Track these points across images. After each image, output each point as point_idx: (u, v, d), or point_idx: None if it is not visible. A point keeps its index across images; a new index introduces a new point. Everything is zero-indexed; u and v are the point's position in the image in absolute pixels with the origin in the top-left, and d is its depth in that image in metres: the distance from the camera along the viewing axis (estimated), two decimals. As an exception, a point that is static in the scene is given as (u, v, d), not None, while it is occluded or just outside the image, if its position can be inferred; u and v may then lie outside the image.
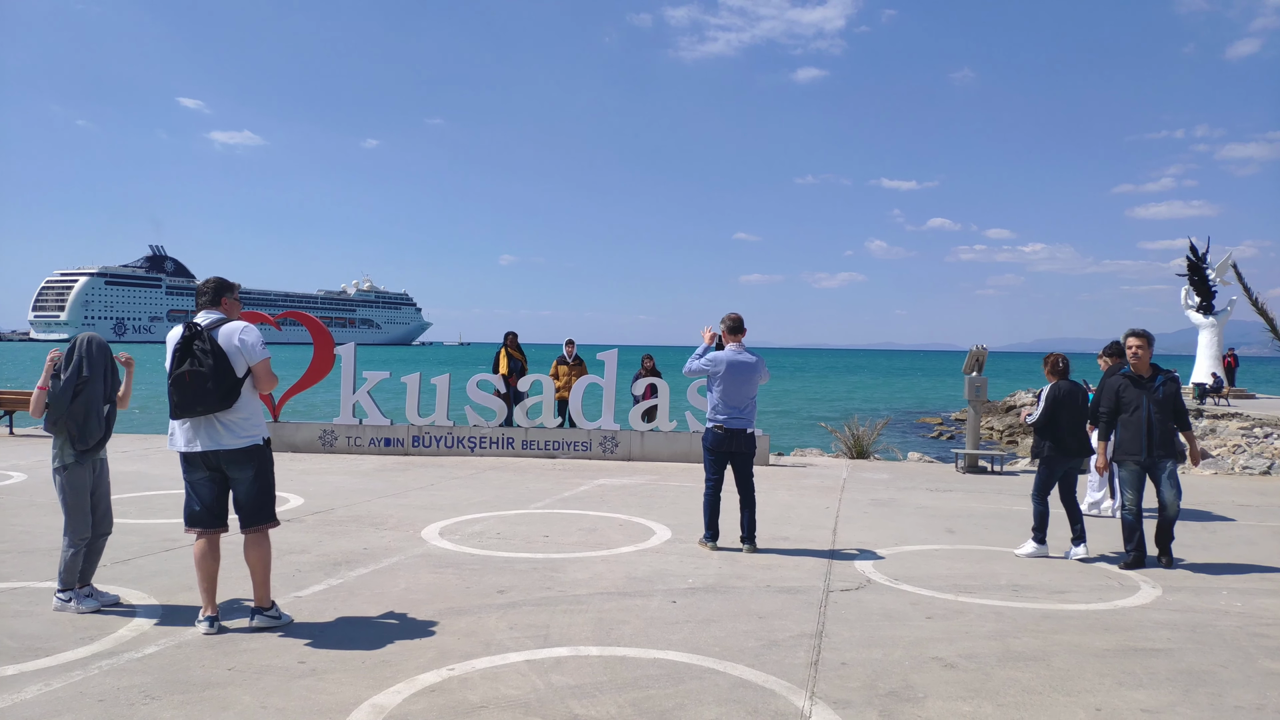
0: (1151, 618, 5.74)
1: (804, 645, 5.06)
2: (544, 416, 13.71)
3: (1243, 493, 11.65)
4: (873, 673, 4.64)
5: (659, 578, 6.50)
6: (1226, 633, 5.44)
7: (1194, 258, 41.24)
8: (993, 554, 7.54)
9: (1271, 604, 6.13)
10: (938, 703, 4.25)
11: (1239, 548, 8.03)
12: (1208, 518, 9.61)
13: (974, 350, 13.59)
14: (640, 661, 4.72)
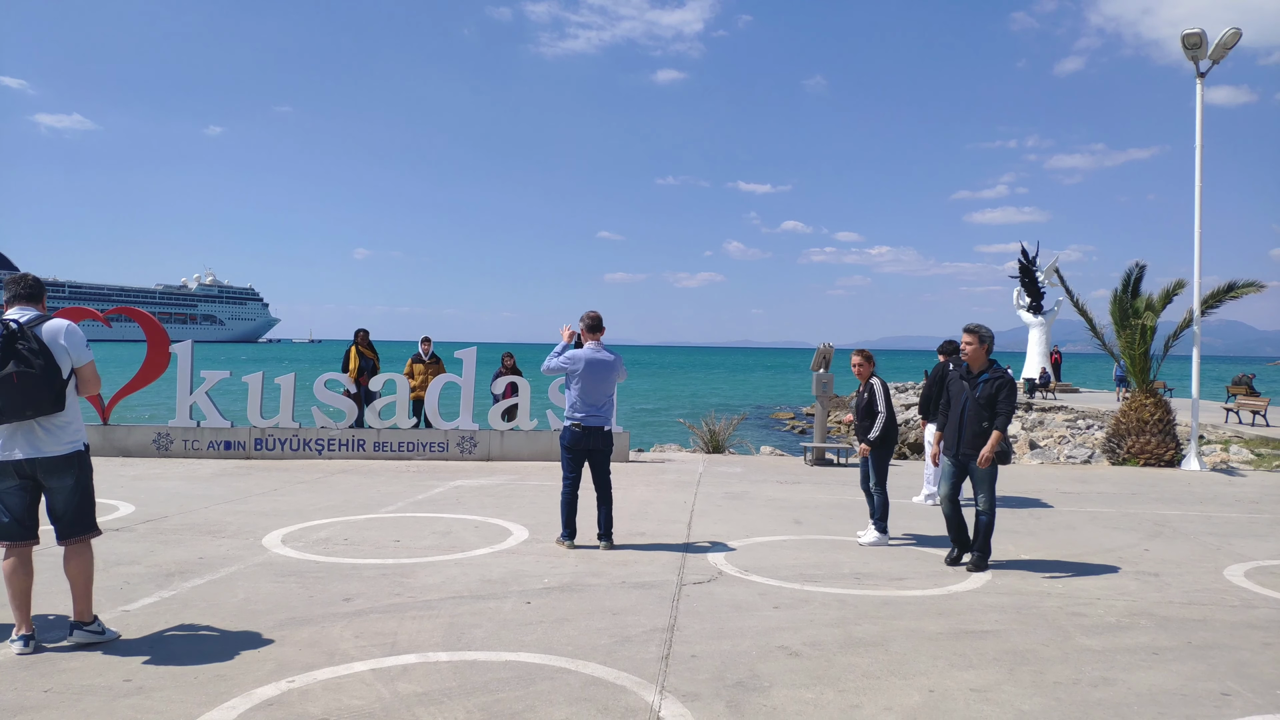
0: (981, 601, 6.08)
1: (656, 640, 5.10)
2: (398, 417, 13.36)
3: (1066, 481, 12.51)
4: (722, 664, 4.72)
5: (514, 579, 6.43)
6: (1048, 613, 5.82)
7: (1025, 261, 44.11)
8: (837, 543, 7.83)
9: (1088, 584, 6.60)
10: (783, 691, 4.36)
11: (1061, 533, 8.62)
12: (1034, 504, 10.27)
13: (822, 348, 14.08)
14: (491, 665, 4.65)
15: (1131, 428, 14.98)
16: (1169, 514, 9.76)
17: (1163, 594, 6.35)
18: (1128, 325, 15.15)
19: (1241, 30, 14.18)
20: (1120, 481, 12.53)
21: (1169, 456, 14.64)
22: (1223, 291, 15.12)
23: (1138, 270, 15.70)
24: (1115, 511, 9.86)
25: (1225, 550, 7.88)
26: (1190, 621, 5.68)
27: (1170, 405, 15.38)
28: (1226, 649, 5.14)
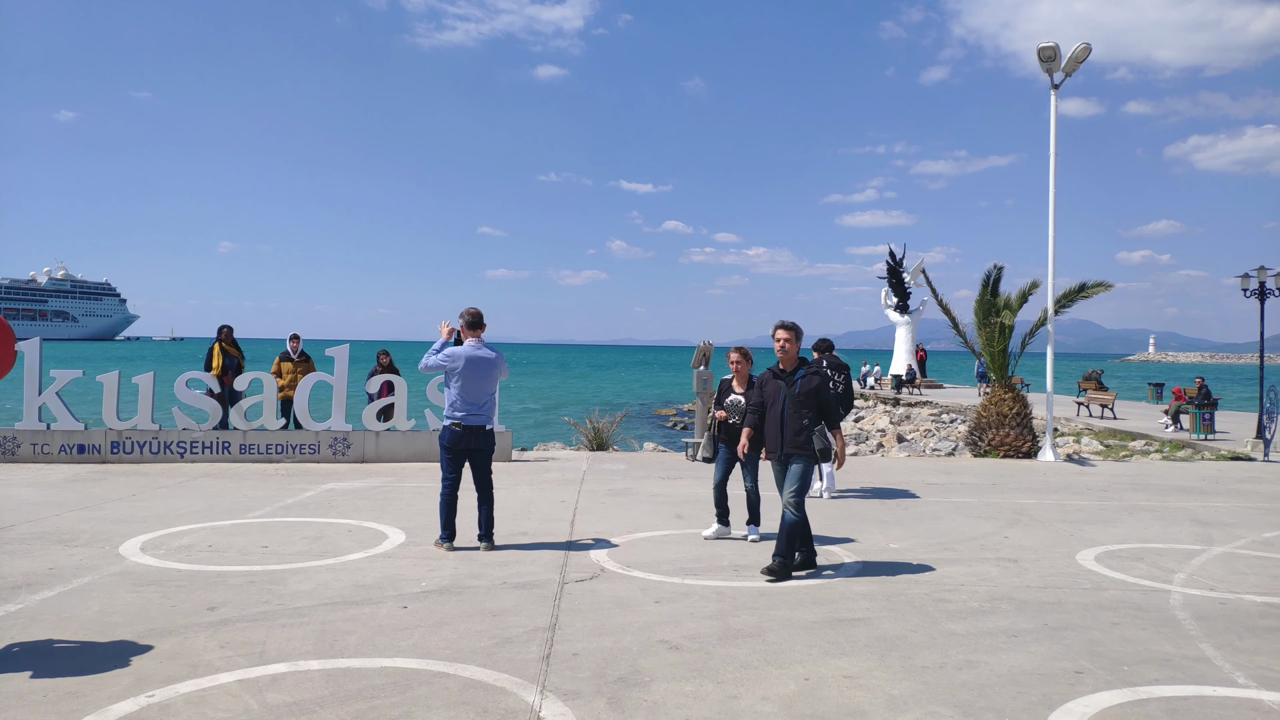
0: (854, 589, 6.28)
1: (537, 639, 5.05)
2: (265, 418, 12.83)
3: (931, 472, 13.05)
4: (603, 660, 4.72)
5: (390, 583, 6.26)
6: (916, 600, 6.05)
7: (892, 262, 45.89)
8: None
9: (953, 571, 6.90)
10: (663, 685, 4.39)
11: (927, 522, 8.98)
12: (902, 495, 10.67)
13: (702, 346, 14.28)
14: (366, 671, 4.52)
15: (992, 421, 15.76)
16: (1027, 503, 10.30)
17: (1021, 579, 6.69)
18: (988, 324, 15.93)
19: (1091, 45, 15.09)
20: (982, 472, 13.16)
21: (1026, 448, 15.47)
22: (1074, 292, 16.07)
23: (997, 272, 16.52)
24: (977, 501, 10.35)
25: (1078, 536, 8.37)
26: (1046, 604, 6.00)
27: (1027, 400, 16.25)
28: (1079, 629, 5.45)
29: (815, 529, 8.39)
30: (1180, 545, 8.02)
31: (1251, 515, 9.71)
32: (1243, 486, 12.05)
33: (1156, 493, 11.31)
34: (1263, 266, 20.28)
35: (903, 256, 45.80)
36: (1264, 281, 20.22)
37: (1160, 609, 5.92)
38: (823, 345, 10.61)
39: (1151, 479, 12.74)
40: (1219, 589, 6.48)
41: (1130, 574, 6.87)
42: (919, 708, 4.17)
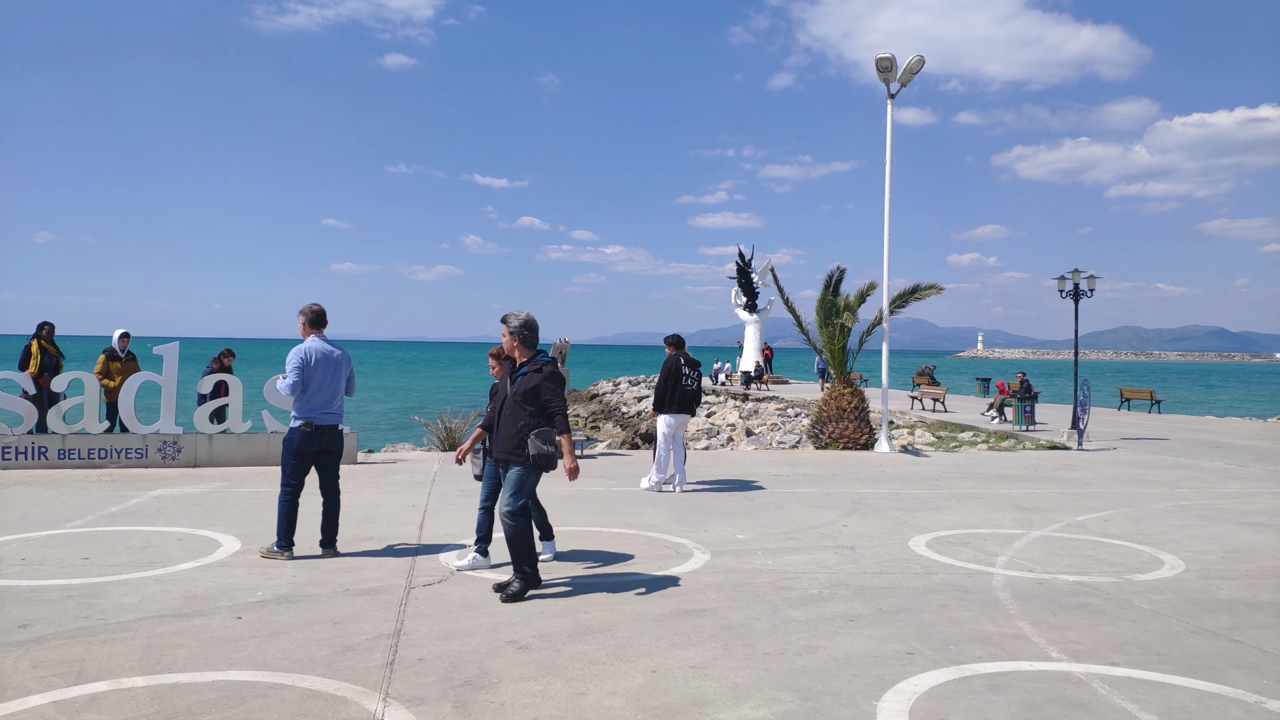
0: (701, 580, 6.41)
1: (380, 646, 4.92)
2: (86, 420, 11.95)
3: (777, 465, 13.47)
4: (450, 664, 4.64)
5: (223, 593, 5.95)
6: (760, 589, 6.23)
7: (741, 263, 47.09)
8: (570, 534, 7.94)
9: (795, 560, 7.14)
10: (511, 685, 4.35)
11: (772, 513, 9.27)
12: (749, 487, 10.97)
13: (557, 343, 14.25)
14: (195, 686, 4.28)
15: (832, 415, 16.42)
16: (864, 492, 10.79)
17: (858, 565, 7.00)
18: (829, 323, 16.60)
19: (925, 58, 15.92)
20: (823, 464, 13.69)
21: (864, 440, 16.20)
22: (908, 293, 16.94)
23: (838, 273, 17.22)
24: (819, 491, 10.76)
25: (910, 523, 8.82)
26: (881, 589, 6.30)
27: (865, 395, 17.02)
28: (911, 612, 5.74)
29: (667, 523, 8.53)
30: (1003, 530, 8.58)
31: (1066, 500, 10.49)
32: (1059, 474, 13.00)
33: (982, 481, 12.06)
34: (1076, 269, 21.96)
35: (751, 257, 47.10)
36: (1078, 283, 21.90)
37: (984, 590, 6.32)
38: (673, 341, 10.79)
39: (978, 468, 13.58)
40: (1036, 570, 6.96)
41: (957, 558, 7.30)
42: (761, 694, 4.30)
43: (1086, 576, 6.77)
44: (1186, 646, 5.14)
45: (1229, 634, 5.40)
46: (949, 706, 4.17)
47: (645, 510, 9.27)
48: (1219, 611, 5.89)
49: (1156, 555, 7.54)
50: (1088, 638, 5.26)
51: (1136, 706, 4.20)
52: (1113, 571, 6.94)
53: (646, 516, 8.92)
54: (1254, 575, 6.90)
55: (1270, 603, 6.12)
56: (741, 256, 47.12)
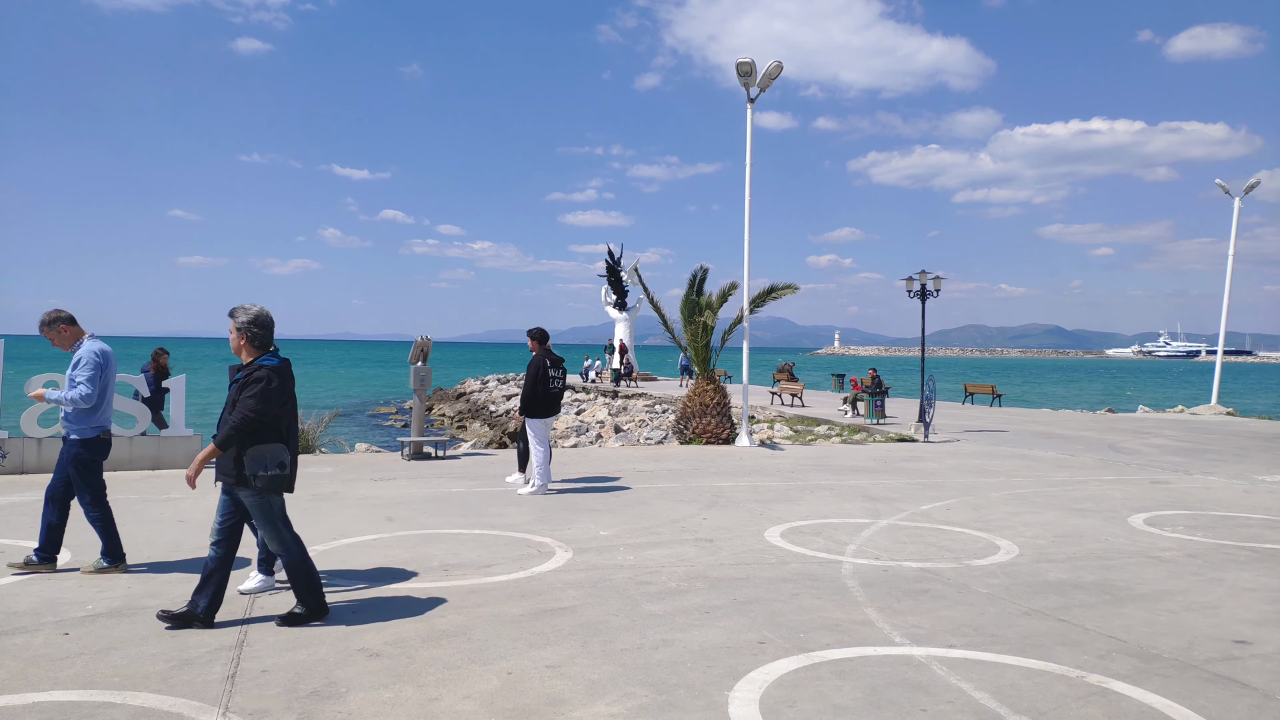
0: (562, 579, 6.39)
1: (221, 659, 4.68)
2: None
3: (642, 460, 13.59)
4: (295, 675, 4.46)
5: (49, 609, 5.54)
6: (619, 585, 6.26)
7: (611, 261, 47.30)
8: (429, 537, 7.78)
9: (656, 554, 7.21)
10: (360, 694, 4.22)
11: (635, 508, 9.33)
12: (614, 483, 11.02)
13: (419, 341, 13.94)
14: (14, 710, 3.96)
15: (695, 411, 16.70)
16: (724, 485, 11.01)
17: (716, 557, 7.13)
18: (693, 322, 16.89)
19: (783, 63, 16.35)
20: (687, 459, 13.90)
21: (726, 435, 16.54)
22: (766, 293, 17.38)
23: (702, 273, 17.53)
24: (681, 486, 10.92)
25: (767, 515, 9.06)
26: (736, 580, 6.43)
27: (727, 391, 17.40)
28: (764, 602, 5.89)
29: (530, 522, 8.47)
30: (853, 520, 8.90)
31: (912, 490, 10.98)
32: (906, 465, 13.60)
33: (835, 473, 12.50)
34: (924, 271, 23.02)
35: (620, 255, 47.38)
36: (924, 284, 22.97)
37: (834, 579, 6.54)
38: (537, 335, 10.51)
39: (832, 460, 14.07)
40: (883, 557, 7.26)
41: (809, 548, 7.54)
42: (616, 690, 4.31)
43: (929, 563, 7.10)
44: (1018, 627, 5.46)
45: (1056, 614, 5.76)
46: (797, 694, 4.30)
47: (508, 510, 9.18)
48: (1047, 593, 6.28)
49: (993, 541, 7.98)
50: (929, 622, 5.52)
51: (971, 686, 4.43)
52: (953, 557, 7.31)
53: (509, 516, 8.83)
54: (1079, 558, 7.40)
55: (1093, 583, 6.57)
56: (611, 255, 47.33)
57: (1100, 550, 7.67)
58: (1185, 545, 7.91)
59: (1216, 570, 6.98)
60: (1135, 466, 13.78)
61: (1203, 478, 12.59)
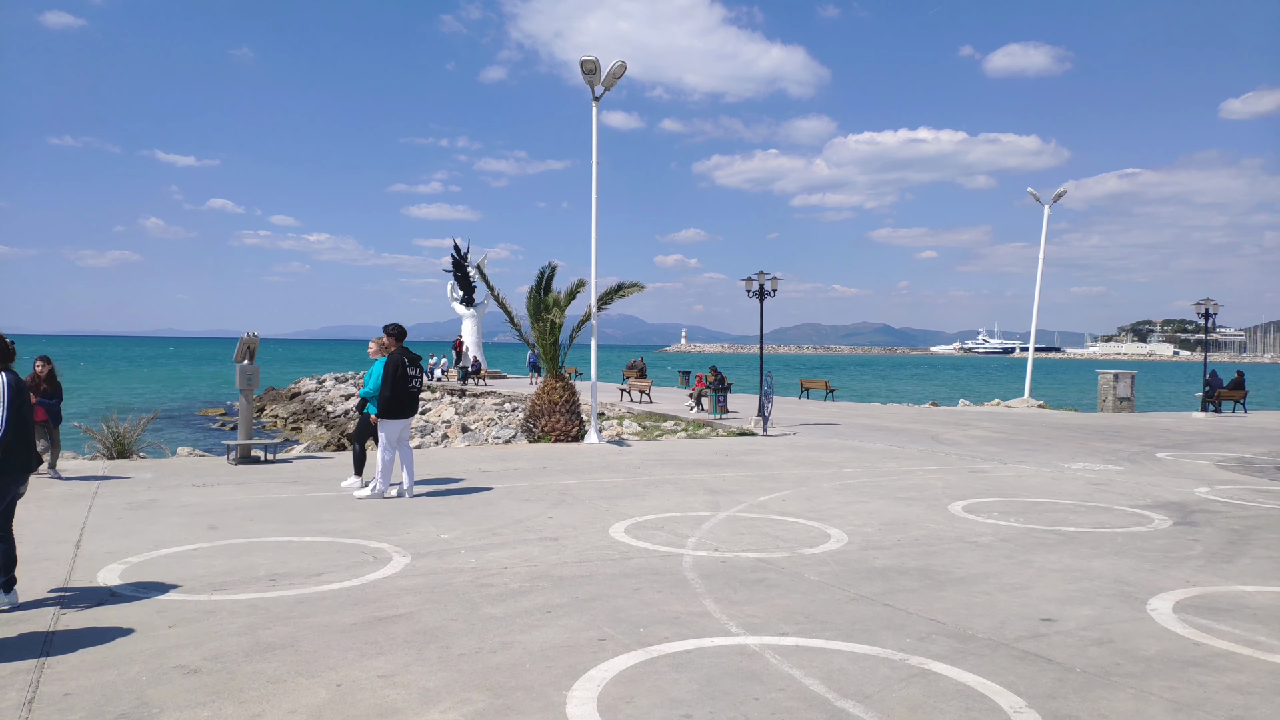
0: (398, 585, 6.20)
1: (18, 683, 4.29)
2: None
3: (489, 460, 13.40)
4: (103, 697, 4.13)
5: None
6: (459, 588, 6.13)
7: (457, 256, 46.51)
8: (256, 545, 7.39)
9: (498, 556, 7.11)
10: (175, 714, 3.96)
11: (479, 509, 9.18)
12: (458, 484, 10.80)
13: (245, 338, 13.25)
14: None
15: (544, 409, 16.62)
16: (571, 483, 10.99)
17: (560, 556, 7.09)
18: (540, 319, 16.79)
19: (627, 63, 16.46)
20: (535, 457, 13.81)
21: (575, 432, 16.54)
22: (613, 291, 17.50)
23: (550, 270, 17.45)
24: (528, 485, 10.82)
25: (612, 511, 9.09)
26: (579, 578, 6.42)
27: (576, 388, 17.40)
28: (606, 599, 5.90)
29: (366, 528, 8.20)
30: (695, 513, 9.06)
31: (752, 482, 11.29)
32: (746, 458, 13.98)
33: (679, 467, 12.71)
34: (762, 271, 23.78)
35: (467, 250, 46.63)
36: (762, 284, 23.72)
37: (674, 572, 6.63)
38: (394, 331, 10.04)
39: (676, 455, 14.29)
40: (721, 549, 7.42)
41: (652, 542, 7.62)
42: (452, 696, 4.21)
43: (765, 553, 7.30)
44: (846, 613, 5.69)
45: (881, 599, 6.03)
46: (635, 689, 4.32)
47: (343, 516, 8.83)
48: (874, 579, 6.57)
49: (825, 530, 8.30)
50: (763, 611, 5.67)
51: (802, 673, 4.58)
52: (787, 547, 7.55)
53: (344, 522, 8.50)
54: (904, 544, 7.78)
55: (916, 568, 6.92)
56: (457, 249, 46.50)
57: (923, 537, 8.10)
58: (999, 530, 8.46)
59: (1027, 553, 7.49)
60: (956, 457, 14.65)
61: (1015, 466, 13.52)
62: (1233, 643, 5.14)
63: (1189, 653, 4.98)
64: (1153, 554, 7.46)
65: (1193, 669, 4.72)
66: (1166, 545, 7.83)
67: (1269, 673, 4.66)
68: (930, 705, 4.19)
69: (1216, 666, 4.75)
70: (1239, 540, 8.07)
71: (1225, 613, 5.76)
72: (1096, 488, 11.32)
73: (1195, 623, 5.53)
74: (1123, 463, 14.17)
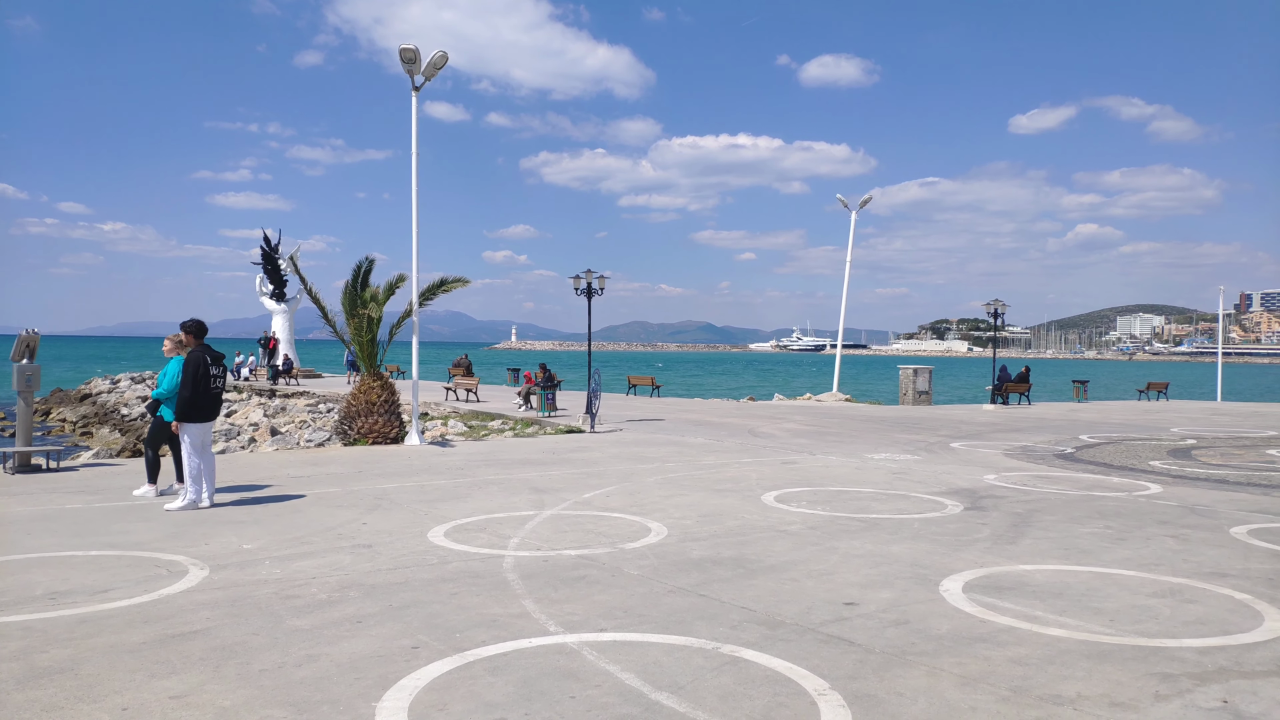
0: (194, 600, 5.80)
1: None
2: None
3: (299, 465, 12.79)
4: None
5: None
6: (262, 601, 5.81)
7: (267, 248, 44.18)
8: (34, 562, 6.74)
9: (306, 565, 6.78)
10: (-76, 759, 3.54)
11: (287, 517, 8.74)
12: (265, 491, 10.24)
13: (23, 335, 12.09)
14: None
15: (361, 409, 16.04)
16: (389, 487, 10.65)
17: (373, 563, 6.85)
18: (356, 314, 16.18)
19: (449, 54, 16.11)
20: (350, 461, 13.30)
21: (394, 434, 16.05)
22: (437, 286, 17.10)
23: (367, 263, 16.86)
24: (341, 490, 10.41)
25: (432, 515, 8.87)
26: (394, 585, 6.22)
27: (395, 387, 16.88)
28: (422, 605, 5.74)
29: (161, 539, 7.67)
30: (519, 513, 8.98)
31: (577, 480, 11.31)
32: (573, 455, 14.00)
33: (505, 467, 12.58)
34: (589, 269, 23.87)
35: (278, 242, 44.37)
36: (590, 282, 23.83)
37: (495, 574, 6.54)
38: (193, 328, 9.31)
39: (502, 455, 14.14)
40: (544, 548, 7.39)
41: (473, 544, 7.49)
42: (251, 714, 3.98)
43: (587, 550, 7.33)
44: (663, 605, 5.78)
45: (697, 590, 6.17)
46: (449, 696, 4.22)
47: (135, 527, 8.19)
48: (691, 570, 6.72)
49: (646, 524, 8.42)
50: (583, 608, 5.68)
51: (618, 668, 4.61)
52: (609, 542, 7.61)
53: (135, 534, 7.88)
54: (720, 535, 8.00)
55: (730, 558, 7.13)
56: (267, 241, 44.16)
57: (738, 527, 8.36)
58: (808, 519, 8.84)
59: (832, 540, 7.86)
60: (770, 449, 15.24)
61: (824, 457, 14.19)
62: (1014, 618, 5.57)
63: (976, 630, 5.36)
64: (946, 538, 8.00)
65: (979, 645, 5.08)
66: (958, 529, 8.42)
67: (1044, 644, 5.08)
68: (740, 692, 4.31)
69: (1000, 641, 5.14)
70: (1021, 523, 8.78)
71: (1009, 590, 6.25)
72: (897, 476, 12.05)
73: (982, 601, 5.96)
74: (921, 452, 15.16)
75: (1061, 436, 18.58)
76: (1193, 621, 5.54)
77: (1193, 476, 12.48)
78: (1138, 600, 6.01)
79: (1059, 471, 12.90)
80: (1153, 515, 9.25)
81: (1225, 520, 9.00)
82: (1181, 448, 16.52)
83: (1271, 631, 5.34)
